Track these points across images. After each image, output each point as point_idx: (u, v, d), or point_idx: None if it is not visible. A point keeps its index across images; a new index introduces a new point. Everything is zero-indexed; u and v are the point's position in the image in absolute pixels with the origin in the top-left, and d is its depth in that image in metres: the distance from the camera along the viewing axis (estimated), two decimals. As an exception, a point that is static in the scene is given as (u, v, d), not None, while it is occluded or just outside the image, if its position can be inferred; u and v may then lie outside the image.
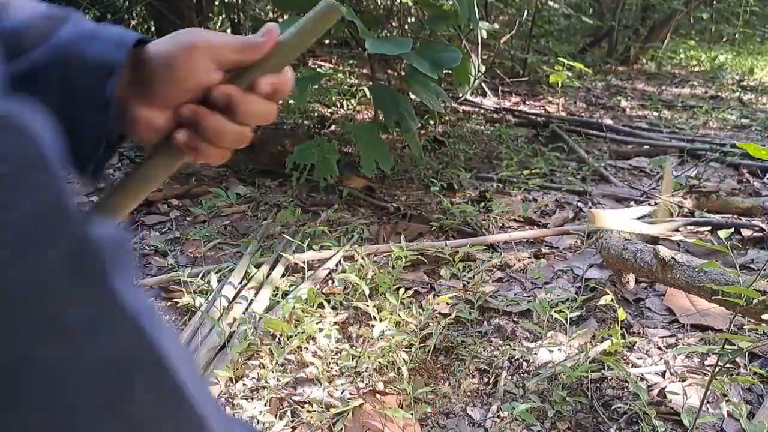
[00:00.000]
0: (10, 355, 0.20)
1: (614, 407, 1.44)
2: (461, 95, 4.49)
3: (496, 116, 4.38)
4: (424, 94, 2.66)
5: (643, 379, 1.55)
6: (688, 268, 1.67)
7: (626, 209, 2.36)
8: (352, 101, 4.25)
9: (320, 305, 1.78)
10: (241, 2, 5.62)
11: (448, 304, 1.84)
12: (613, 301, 1.66)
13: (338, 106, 4.21)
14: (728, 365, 1.57)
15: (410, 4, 4.22)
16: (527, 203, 2.75)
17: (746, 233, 2.37)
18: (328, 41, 5.67)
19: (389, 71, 3.78)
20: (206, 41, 0.48)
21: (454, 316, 1.75)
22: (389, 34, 3.96)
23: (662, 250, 1.74)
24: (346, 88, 4.47)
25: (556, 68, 3.43)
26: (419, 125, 2.93)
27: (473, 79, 3.50)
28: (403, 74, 3.07)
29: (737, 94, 5.63)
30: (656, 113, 4.81)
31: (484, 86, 4.94)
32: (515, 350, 1.65)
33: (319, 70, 5.09)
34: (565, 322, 1.63)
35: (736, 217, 2.57)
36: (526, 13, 5.51)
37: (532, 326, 1.69)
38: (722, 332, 1.74)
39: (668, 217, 2.37)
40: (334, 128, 3.76)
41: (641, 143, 3.79)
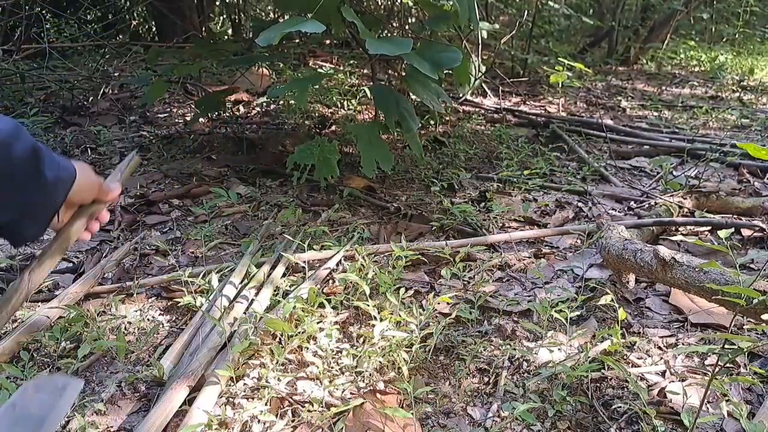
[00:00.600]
0: None
1: (614, 407, 1.44)
2: (461, 95, 4.49)
3: (496, 116, 4.39)
4: (424, 94, 2.66)
5: (643, 378, 1.55)
6: (688, 267, 1.67)
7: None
8: (352, 101, 4.25)
9: (321, 305, 1.79)
10: (242, 2, 5.62)
11: (448, 303, 1.85)
12: (613, 300, 1.66)
13: (339, 106, 4.22)
14: (728, 365, 1.58)
15: (411, 4, 4.22)
16: (527, 203, 2.75)
17: (746, 233, 2.38)
18: (328, 42, 5.67)
19: (390, 71, 3.78)
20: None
21: (454, 315, 1.76)
22: (390, 34, 3.96)
23: (662, 249, 1.74)
24: (346, 88, 4.47)
25: (556, 68, 3.43)
26: (420, 125, 2.93)
27: (473, 79, 3.51)
28: (403, 74, 3.07)
29: (737, 94, 5.63)
30: (656, 113, 4.82)
31: (484, 86, 4.94)
32: (515, 350, 1.65)
33: (319, 70, 5.09)
34: (565, 321, 1.63)
35: (736, 217, 2.57)
36: (526, 13, 5.52)
37: (532, 326, 1.69)
38: (723, 332, 1.74)
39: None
40: (334, 128, 3.76)
41: (641, 143, 3.79)
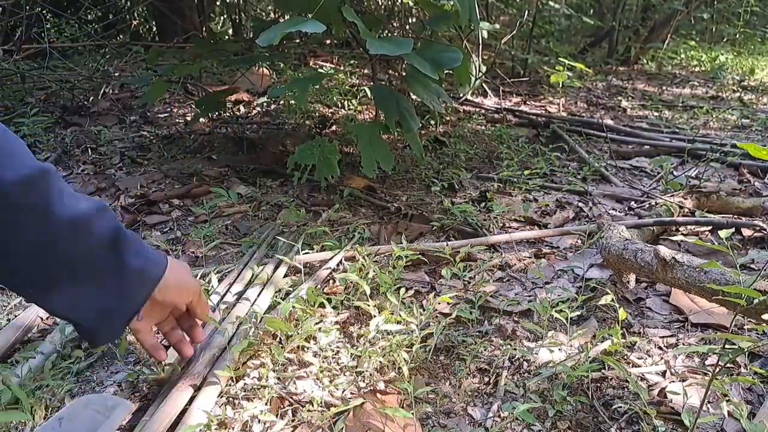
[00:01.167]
0: None
1: (615, 407, 1.44)
2: (462, 95, 4.49)
3: (496, 116, 4.39)
4: (424, 94, 2.66)
5: (643, 378, 1.55)
6: (688, 267, 1.67)
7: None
8: (353, 101, 4.25)
9: (321, 305, 1.79)
10: (242, 3, 5.62)
11: (448, 303, 1.85)
12: (613, 300, 1.66)
13: (339, 106, 4.21)
14: (729, 365, 1.57)
15: (411, 4, 4.22)
16: (528, 203, 2.75)
17: (747, 233, 2.38)
18: (329, 42, 5.67)
19: (390, 71, 3.79)
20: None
21: (454, 315, 1.76)
22: (390, 34, 3.96)
23: (663, 249, 1.74)
24: (347, 88, 4.47)
25: (556, 68, 3.43)
26: (420, 125, 2.93)
27: (474, 79, 3.51)
28: (404, 74, 3.07)
29: (738, 94, 5.63)
30: (657, 113, 4.82)
31: (484, 86, 4.94)
32: (516, 350, 1.65)
33: (320, 70, 5.09)
34: (565, 321, 1.63)
35: (736, 217, 2.57)
36: (526, 13, 5.52)
37: (532, 326, 1.69)
38: (724, 332, 1.74)
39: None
40: (335, 128, 3.76)
41: (642, 143, 3.79)
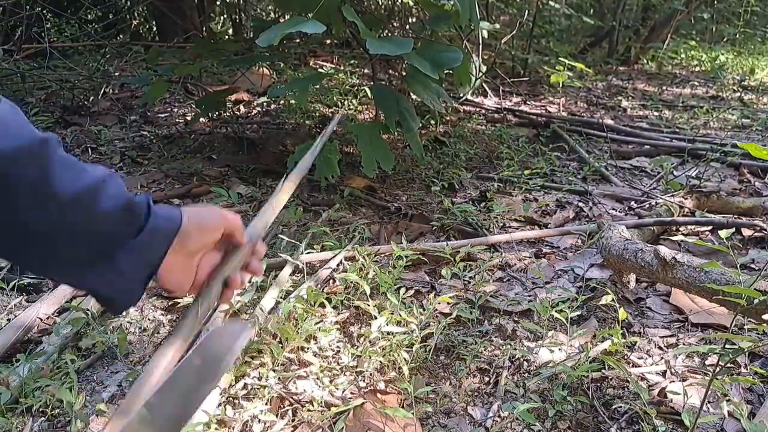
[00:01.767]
0: None
1: (615, 407, 1.44)
2: (462, 95, 4.49)
3: (497, 116, 4.38)
4: (425, 94, 2.66)
5: (643, 378, 1.55)
6: (688, 267, 1.67)
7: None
8: (353, 101, 4.25)
9: (321, 305, 1.79)
10: (242, 2, 5.62)
11: (449, 303, 1.85)
12: (613, 300, 1.66)
13: (339, 106, 4.21)
14: (729, 365, 1.57)
15: (411, 4, 4.22)
16: (528, 203, 2.75)
17: (747, 233, 2.38)
18: (329, 41, 5.67)
19: (390, 71, 3.79)
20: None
21: (455, 315, 1.76)
22: (390, 34, 3.96)
23: (663, 249, 1.74)
24: (347, 88, 4.47)
25: (557, 68, 3.43)
26: (420, 125, 2.93)
27: (474, 79, 3.51)
28: (404, 74, 3.07)
29: (738, 94, 5.63)
30: (657, 113, 4.81)
31: (485, 86, 4.94)
32: (516, 350, 1.65)
33: (320, 70, 5.09)
34: (565, 321, 1.63)
35: (736, 216, 2.57)
36: (527, 13, 5.52)
37: (532, 326, 1.69)
38: (724, 331, 1.74)
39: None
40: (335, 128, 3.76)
41: (642, 143, 3.79)
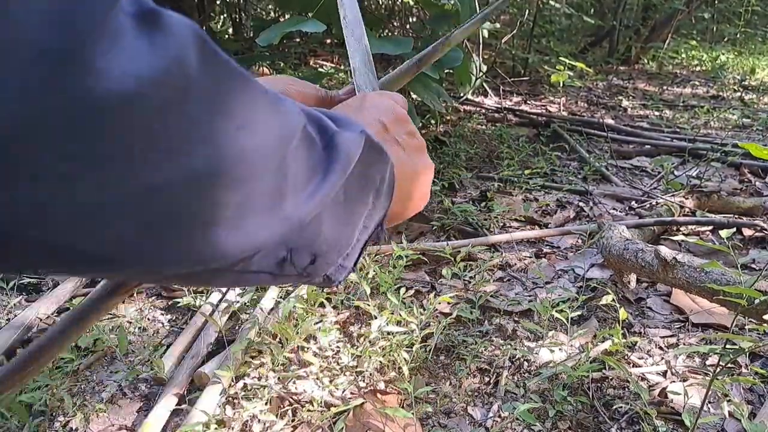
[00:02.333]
0: None
1: (615, 407, 1.44)
2: (462, 95, 4.48)
3: (497, 116, 4.38)
4: (425, 93, 2.66)
5: (644, 378, 1.55)
6: (689, 268, 1.67)
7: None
8: (353, 101, 4.23)
9: (321, 304, 1.78)
10: (242, 2, 5.62)
11: (449, 303, 1.84)
12: (614, 301, 1.66)
13: (339, 105, 4.20)
14: (730, 365, 1.57)
15: (411, 4, 4.22)
16: (528, 203, 2.75)
17: (748, 233, 2.37)
18: (329, 41, 5.67)
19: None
20: (299, 92, 0.57)
21: (455, 315, 1.76)
22: (391, 33, 3.96)
23: (663, 250, 1.74)
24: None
25: (557, 68, 3.43)
26: (420, 124, 2.92)
27: (474, 78, 3.50)
28: (404, 74, 3.06)
29: (738, 93, 5.62)
30: (657, 113, 4.81)
31: (485, 86, 4.93)
32: (516, 350, 1.65)
33: (320, 69, 5.09)
34: (566, 321, 1.63)
35: (737, 216, 2.57)
36: (527, 12, 5.51)
37: (533, 326, 1.69)
38: (725, 332, 1.74)
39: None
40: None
41: (642, 143, 3.78)
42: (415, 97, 3.20)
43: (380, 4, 4.87)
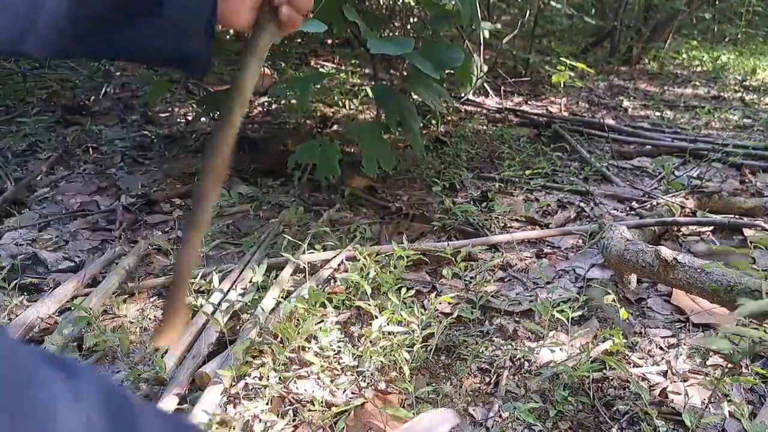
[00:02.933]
0: None
1: (616, 407, 1.44)
2: (463, 95, 4.49)
3: (498, 116, 4.38)
4: (426, 93, 2.66)
5: (644, 379, 1.55)
6: (689, 268, 1.67)
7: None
8: (354, 101, 4.25)
9: (322, 304, 1.79)
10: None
11: (449, 303, 1.84)
12: (614, 301, 1.66)
13: (340, 105, 4.21)
14: (730, 365, 1.57)
15: (413, 4, 4.22)
16: (529, 203, 2.75)
17: (749, 233, 2.37)
18: (330, 41, 5.67)
19: (392, 71, 3.79)
20: None
21: (455, 315, 1.76)
22: (392, 34, 3.96)
23: (664, 250, 1.74)
24: (348, 87, 4.47)
25: (558, 68, 3.42)
26: (421, 125, 2.93)
27: (475, 79, 3.51)
28: (405, 74, 3.07)
29: (740, 94, 5.62)
30: (658, 113, 4.81)
31: (486, 86, 4.93)
32: (517, 350, 1.65)
33: (321, 69, 5.09)
34: (566, 321, 1.63)
35: (738, 217, 2.57)
36: (528, 13, 5.51)
37: (533, 326, 1.69)
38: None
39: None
40: (336, 128, 3.76)
41: (643, 143, 3.78)
42: (415, 97, 3.20)
43: (381, 4, 4.87)
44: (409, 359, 1.53)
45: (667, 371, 1.58)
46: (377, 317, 1.65)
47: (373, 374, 1.53)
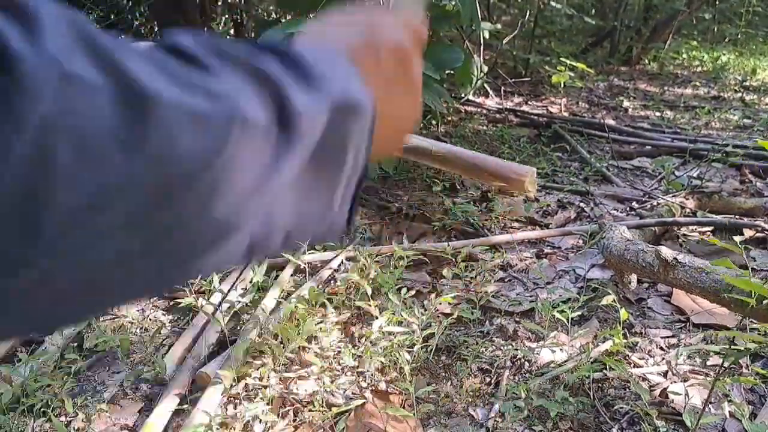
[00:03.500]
0: None
1: (616, 407, 1.44)
2: (464, 95, 4.49)
3: (498, 116, 4.38)
4: (426, 94, 2.66)
5: (644, 379, 1.55)
6: (690, 268, 1.67)
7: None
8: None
9: (322, 305, 1.79)
10: (243, 2, 5.63)
11: (450, 303, 1.84)
12: (615, 301, 1.66)
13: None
14: (731, 365, 1.57)
15: (412, 4, 4.21)
16: (529, 203, 2.75)
17: (749, 233, 2.37)
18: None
19: (391, 71, 3.77)
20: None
21: (456, 315, 1.76)
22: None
23: (664, 250, 1.74)
24: (348, 88, 4.46)
25: (558, 68, 3.43)
26: (421, 125, 2.93)
27: (475, 79, 3.51)
28: (405, 74, 3.06)
29: (739, 94, 5.62)
30: (658, 113, 4.81)
31: (486, 86, 4.93)
32: (517, 350, 1.65)
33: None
34: (567, 322, 1.63)
35: (738, 217, 2.57)
36: (528, 13, 5.51)
37: (534, 326, 1.69)
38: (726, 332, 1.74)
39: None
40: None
41: (643, 143, 3.78)
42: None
43: (381, 4, 4.87)
44: (409, 359, 1.53)
45: (667, 371, 1.58)
46: (377, 317, 1.65)
47: (373, 374, 1.53)
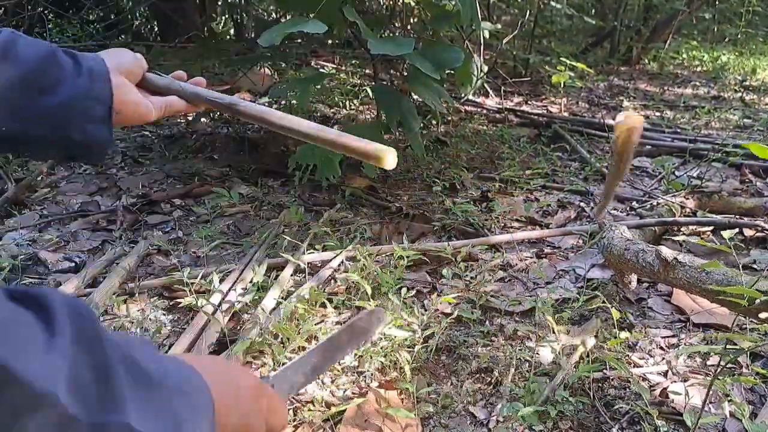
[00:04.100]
0: None
1: (616, 407, 1.44)
2: (463, 95, 4.48)
3: (498, 116, 4.38)
4: (426, 94, 2.66)
5: (645, 379, 1.55)
6: (690, 268, 1.67)
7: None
8: (354, 101, 4.25)
9: (323, 305, 1.79)
10: (243, 3, 5.63)
11: (450, 303, 1.84)
12: (604, 302, 1.66)
13: (341, 106, 4.21)
14: (731, 365, 1.57)
15: (413, 4, 4.22)
16: (529, 203, 2.75)
17: (749, 233, 2.37)
18: (330, 42, 5.67)
19: (392, 71, 3.78)
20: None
21: (456, 315, 1.76)
22: (392, 34, 3.96)
23: (664, 250, 1.74)
24: (348, 88, 4.47)
25: (558, 68, 3.43)
26: (421, 125, 2.93)
27: (475, 79, 3.51)
28: (405, 74, 3.07)
29: (739, 94, 5.62)
30: (658, 113, 4.81)
31: (486, 86, 4.93)
32: (517, 350, 1.65)
33: (321, 70, 5.09)
34: (567, 321, 1.63)
35: (738, 217, 2.57)
36: (528, 13, 5.51)
37: (534, 326, 1.69)
38: (726, 332, 1.74)
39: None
40: (336, 128, 3.76)
41: (643, 143, 3.78)
42: (416, 97, 3.20)
43: (381, 4, 4.87)
44: (409, 359, 1.53)
45: (667, 371, 1.58)
46: (378, 317, 1.65)
47: (373, 374, 1.53)
